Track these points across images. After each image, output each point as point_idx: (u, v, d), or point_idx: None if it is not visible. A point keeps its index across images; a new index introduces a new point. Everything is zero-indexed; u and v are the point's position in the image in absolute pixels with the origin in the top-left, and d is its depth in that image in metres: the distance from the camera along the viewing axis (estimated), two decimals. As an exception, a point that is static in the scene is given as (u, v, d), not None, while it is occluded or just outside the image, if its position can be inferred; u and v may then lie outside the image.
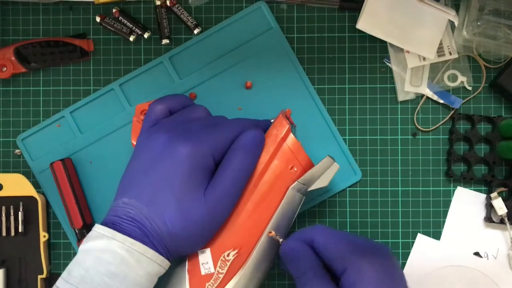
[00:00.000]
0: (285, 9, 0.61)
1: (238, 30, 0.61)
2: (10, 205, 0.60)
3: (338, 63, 0.61)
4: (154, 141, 0.50)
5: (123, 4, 0.62)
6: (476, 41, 0.58)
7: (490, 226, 0.60)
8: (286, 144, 0.52)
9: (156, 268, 0.47)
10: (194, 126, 0.51)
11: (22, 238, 0.61)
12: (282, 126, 0.52)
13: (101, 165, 0.61)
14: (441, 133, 0.61)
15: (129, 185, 0.50)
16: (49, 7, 0.62)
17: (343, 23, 0.61)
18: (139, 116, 0.56)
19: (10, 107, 0.62)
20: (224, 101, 0.60)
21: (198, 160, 0.49)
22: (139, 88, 0.61)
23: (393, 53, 0.60)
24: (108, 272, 0.45)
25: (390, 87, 0.61)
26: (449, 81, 0.61)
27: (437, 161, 0.61)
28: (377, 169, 0.61)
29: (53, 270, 0.62)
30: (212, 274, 0.50)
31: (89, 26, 0.62)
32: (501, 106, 0.61)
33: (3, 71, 0.60)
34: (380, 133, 0.61)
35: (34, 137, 0.61)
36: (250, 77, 0.60)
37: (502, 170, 0.61)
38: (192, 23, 0.60)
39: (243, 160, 0.50)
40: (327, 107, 0.61)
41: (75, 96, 0.62)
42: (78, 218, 0.59)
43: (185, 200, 0.48)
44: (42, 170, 0.61)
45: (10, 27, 0.62)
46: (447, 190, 0.61)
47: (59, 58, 0.61)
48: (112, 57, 0.62)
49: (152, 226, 0.48)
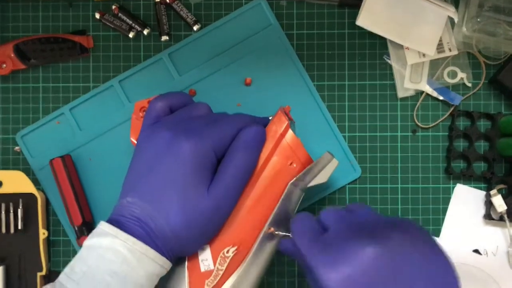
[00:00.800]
0: (284, 5, 0.61)
1: (238, 26, 0.61)
2: (9, 202, 0.60)
3: (338, 60, 0.61)
4: (156, 138, 0.50)
5: (123, 0, 0.62)
6: (476, 38, 0.58)
7: (489, 223, 0.60)
8: (285, 140, 0.52)
9: (157, 268, 0.47)
10: (196, 123, 0.51)
11: (21, 235, 0.60)
12: (281, 122, 0.52)
13: (101, 162, 0.61)
14: (441, 130, 0.61)
15: (133, 183, 0.50)
16: (49, 4, 0.62)
17: (342, 19, 0.61)
18: (138, 113, 0.56)
19: (9, 104, 0.62)
20: (224, 98, 0.60)
21: (201, 157, 0.48)
22: (138, 84, 0.61)
23: (392, 49, 0.60)
24: (110, 271, 0.45)
25: (390, 84, 0.61)
26: (449, 78, 0.61)
27: (436, 158, 0.61)
28: (377, 166, 0.61)
29: (53, 268, 0.62)
30: (211, 270, 0.50)
31: (89, 23, 0.62)
32: (501, 102, 0.61)
33: (3, 68, 0.60)
34: (380, 130, 0.61)
35: (34, 134, 0.61)
36: (249, 73, 0.60)
37: (502, 167, 0.61)
38: (192, 20, 0.60)
39: (245, 156, 0.50)
40: (326, 104, 0.61)
41: (75, 92, 0.62)
42: (78, 215, 0.59)
43: (189, 198, 0.48)
44: (42, 167, 0.61)
45: (10, 24, 0.62)
46: (447, 187, 0.61)
47: (58, 55, 0.61)
48: (111, 54, 0.62)
49: (155, 226, 0.47)
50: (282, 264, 0.61)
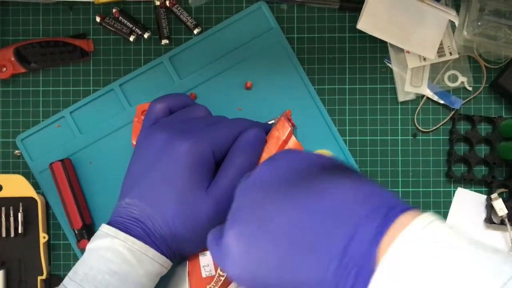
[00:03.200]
0: (285, 9, 0.61)
1: (238, 30, 0.61)
2: (9, 206, 0.60)
3: (338, 64, 0.61)
4: (154, 139, 0.50)
5: (123, 4, 0.62)
6: (477, 42, 0.58)
7: (490, 227, 0.60)
8: (288, 146, 0.52)
9: (157, 268, 0.47)
10: (194, 125, 0.51)
11: (21, 239, 0.60)
12: (285, 128, 0.52)
13: (101, 166, 0.61)
14: (442, 133, 0.61)
15: (131, 185, 0.50)
16: (49, 7, 0.62)
17: (343, 23, 0.61)
18: (140, 116, 0.56)
19: (9, 107, 0.62)
20: (224, 102, 0.60)
21: (198, 157, 0.48)
22: (139, 88, 0.61)
23: (393, 53, 0.60)
24: (110, 270, 0.46)
25: (390, 88, 0.61)
26: (450, 82, 0.60)
27: (437, 161, 0.61)
28: (377, 170, 0.61)
29: (53, 271, 0.61)
30: (213, 276, 0.50)
31: (89, 26, 0.62)
32: (501, 106, 0.61)
33: (3, 72, 0.60)
34: (380, 133, 0.61)
35: (34, 137, 0.61)
36: (250, 77, 0.60)
37: (503, 171, 0.61)
38: (192, 23, 0.60)
39: (245, 159, 0.50)
40: (327, 108, 0.61)
41: (75, 96, 0.62)
42: (78, 218, 0.59)
43: (187, 198, 0.48)
44: (42, 170, 0.61)
45: (10, 27, 0.62)
46: (448, 191, 0.61)
47: (59, 59, 0.61)
48: (112, 58, 0.62)
49: (154, 226, 0.48)
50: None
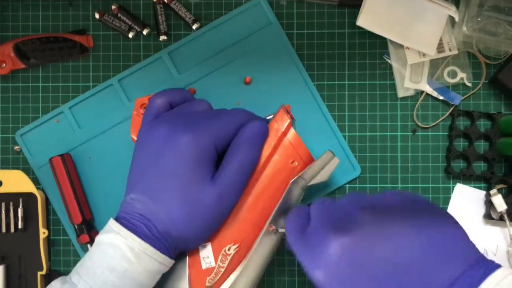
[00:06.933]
0: (284, 5, 0.61)
1: (238, 25, 0.61)
2: (9, 202, 0.60)
3: (338, 60, 0.61)
4: (156, 134, 0.50)
5: (122, 0, 0.62)
6: (476, 37, 0.58)
7: (489, 223, 0.60)
8: (287, 138, 0.52)
9: (156, 266, 0.47)
10: (195, 118, 0.51)
11: (21, 234, 0.60)
12: (283, 120, 0.52)
13: (100, 161, 0.61)
14: (441, 129, 0.61)
15: (135, 180, 0.50)
16: (49, 3, 0.62)
17: (342, 19, 0.61)
18: (139, 110, 0.56)
19: (9, 103, 0.62)
20: (223, 96, 0.60)
21: (201, 150, 0.48)
22: (138, 83, 0.61)
23: (393, 49, 0.60)
24: (109, 266, 0.46)
25: (390, 84, 0.61)
26: (449, 78, 0.61)
27: (436, 157, 0.61)
28: (377, 165, 0.61)
29: (53, 267, 0.62)
30: (213, 268, 0.50)
31: (89, 22, 0.62)
32: (501, 102, 0.61)
33: (3, 67, 0.60)
34: (380, 129, 0.61)
35: (33, 133, 0.61)
36: (249, 72, 0.60)
37: (502, 167, 0.61)
38: (191, 19, 0.60)
39: (248, 151, 0.50)
40: (326, 104, 0.61)
41: (74, 92, 0.62)
42: (77, 213, 0.59)
43: (189, 191, 0.48)
44: (41, 166, 0.61)
45: (10, 23, 0.62)
46: (447, 187, 0.61)
47: (58, 54, 0.61)
48: (111, 53, 0.62)
49: (158, 221, 0.48)
50: (282, 264, 0.61)
